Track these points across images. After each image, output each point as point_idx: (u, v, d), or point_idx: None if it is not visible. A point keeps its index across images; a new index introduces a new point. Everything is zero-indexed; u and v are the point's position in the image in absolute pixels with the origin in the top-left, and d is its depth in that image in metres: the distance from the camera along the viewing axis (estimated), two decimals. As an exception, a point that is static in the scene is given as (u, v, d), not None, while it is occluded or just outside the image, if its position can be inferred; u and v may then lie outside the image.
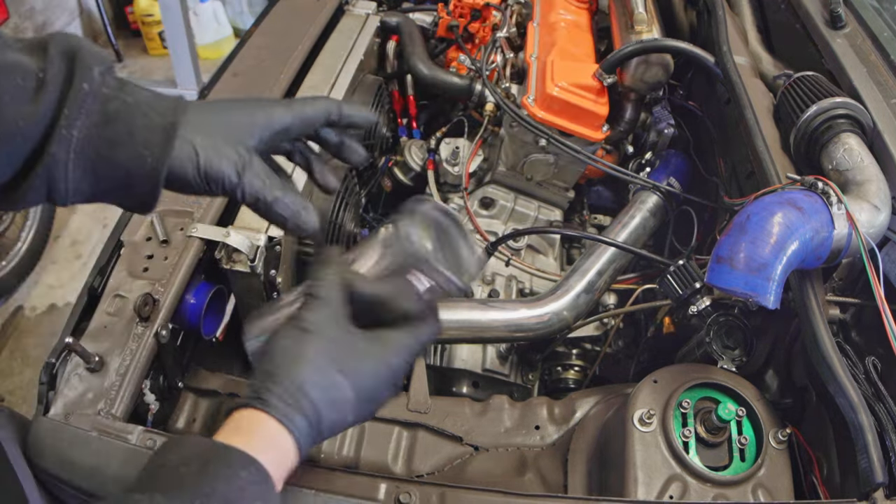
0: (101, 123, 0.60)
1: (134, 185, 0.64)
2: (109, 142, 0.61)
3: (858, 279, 1.09)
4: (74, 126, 0.59)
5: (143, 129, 0.62)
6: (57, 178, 0.60)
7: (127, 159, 0.62)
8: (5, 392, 2.70)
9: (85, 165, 0.60)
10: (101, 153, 0.61)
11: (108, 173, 0.62)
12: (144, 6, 4.47)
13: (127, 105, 0.62)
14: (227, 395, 1.21)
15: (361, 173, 1.81)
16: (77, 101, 0.59)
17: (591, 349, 1.57)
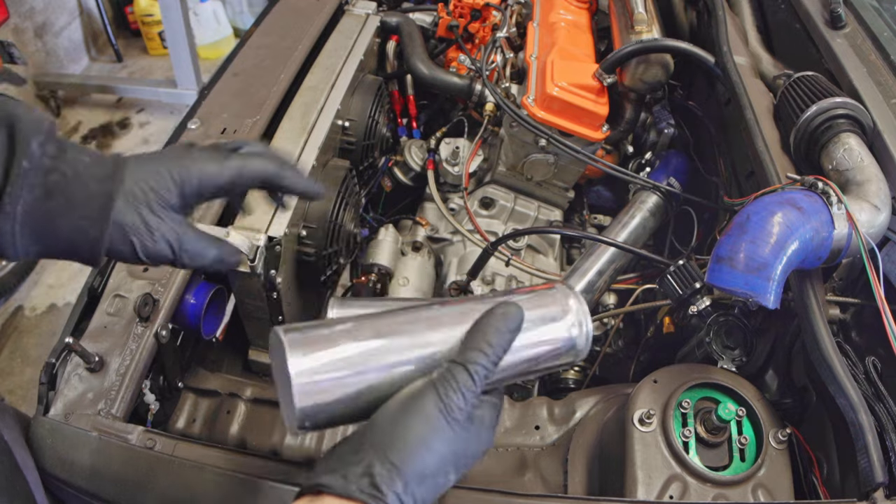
0: (43, 197, 0.62)
1: (78, 251, 0.66)
2: (51, 213, 0.63)
3: (858, 279, 1.09)
4: (18, 203, 0.61)
5: (83, 202, 0.64)
6: (5, 245, 0.62)
7: (69, 230, 0.64)
8: (5, 392, 2.70)
9: (30, 235, 0.63)
10: (44, 225, 0.63)
11: (52, 242, 0.64)
12: (144, 6, 4.47)
13: (66, 178, 0.64)
14: (228, 395, 1.21)
15: (361, 173, 1.81)
16: (19, 179, 0.61)
17: (591, 349, 1.56)
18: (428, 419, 0.62)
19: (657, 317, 1.42)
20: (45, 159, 0.63)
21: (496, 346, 0.66)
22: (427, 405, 0.62)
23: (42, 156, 0.62)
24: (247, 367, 1.43)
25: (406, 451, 0.60)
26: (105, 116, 4.18)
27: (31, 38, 3.98)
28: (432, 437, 0.61)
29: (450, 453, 0.63)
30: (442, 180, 1.82)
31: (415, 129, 2.04)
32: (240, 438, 1.18)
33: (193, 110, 1.48)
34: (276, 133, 1.46)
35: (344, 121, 1.65)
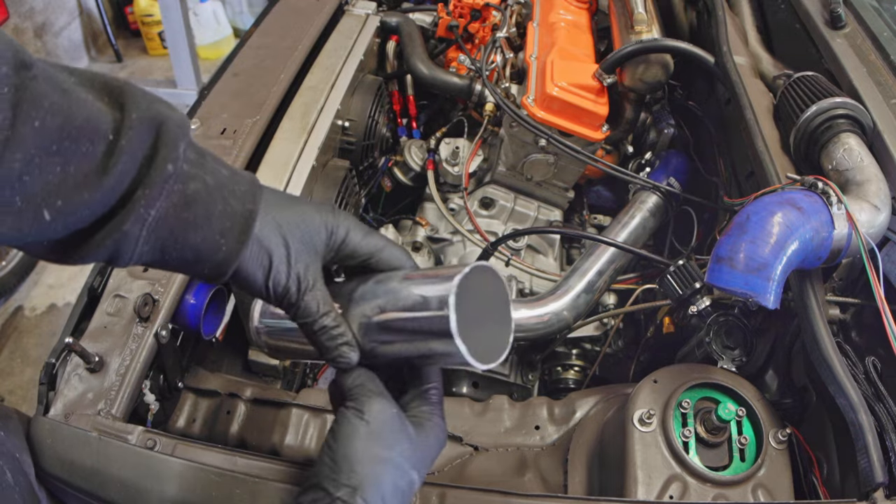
0: (181, 205, 0.57)
1: (201, 267, 0.62)
2: (186, 224, 0.58)
3: (858, 279, 1.09)
4: (153, 206, 0.55)
5: (222, 216, 0.60)
6: (124, 251, 0.56)
7: (201, 243, 0.60)
8: (5, 392, 2.70)
9: (155, 243, 0.58)
10: (175, 234, 0.58)
11: (177, 252, 0.59)
12: (144, 6, 4.47)
13: (207, 187, 0.59)
14: (228, 395, 1.21)
15: (361, 173, 1.81)
16: (160, 182, 0.55)
17: (591, 349, 1.57)
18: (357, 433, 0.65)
19: (657, 317, 1.42)
20: (187, 165, 0.58)
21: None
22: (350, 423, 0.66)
23: (184, 161, 0.57)
24: (247, 367, 1.43)
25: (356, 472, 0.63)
26: (105, 116, 4.18)
27: (31, 38, 3.98)
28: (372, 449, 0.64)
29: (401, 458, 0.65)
30: (442, 180, 1.82)
31: (415, 129, 2.04)
32: (240, 438, 1.18)
33: (193, 110, 1.48)
34: (276, 133, 1.46)
35: (344, 121, 1.65)
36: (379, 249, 0.72)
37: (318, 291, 0.67)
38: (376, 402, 0.67)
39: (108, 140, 0.53)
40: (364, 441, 0.64)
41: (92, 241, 0.55)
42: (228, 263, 0.61)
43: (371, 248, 0.71)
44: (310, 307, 0.67)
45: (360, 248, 0.71)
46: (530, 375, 1.55)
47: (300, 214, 0.67)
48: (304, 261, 0.66)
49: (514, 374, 1.51)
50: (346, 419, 0.66)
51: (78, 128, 0.51)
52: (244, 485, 0.89)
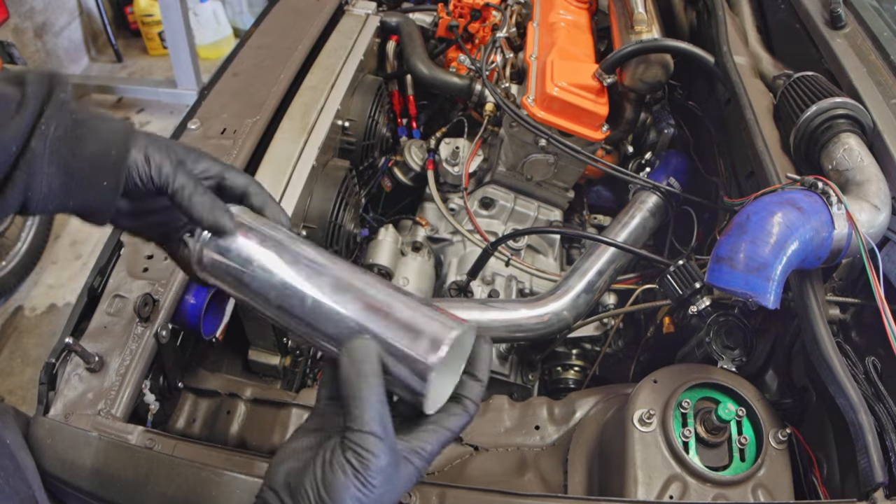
0: (72, 126, 0.70)
1: (101, 178, 0.71)
2: (78, 139, 0.70)
3: (858, 279, 1.09)
4: (50, 124, 0.68)
5: (107, 130, 0.72)
6: (35, 171, 0.67)
7: (94, 153, 0.70)
8: (5, 392, 2.70)
9: (58, 161, 0.68)
10: (72, 149, 0.69)
11: (77, 168, 0.69)
12: (144, 6, 4.47)
13: (91, 114, 0.73)
14: (228, 395, 1.21)
15: (361, 173, 1.81)
16: (55, 106, 0.69)
17: (591, 349, 1.57)
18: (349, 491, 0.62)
19: (657, 317, 1.42)
20: (72, 103, 0.71)
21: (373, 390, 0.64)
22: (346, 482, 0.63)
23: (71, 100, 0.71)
24: (247, 367, 1.43)
25: None
26: (105, 116, 4.18)
27: (31, 38, 3.98)
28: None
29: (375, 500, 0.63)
30: (442, 180, 1.82)
31: (415, 129, 2.04)
32: (240, 438, 1.18)
33: (193, 110, 1.48)
34: (276, 133, 1.46)
35: (344, 121, 1.65)
36: (225, 174, 0.79)
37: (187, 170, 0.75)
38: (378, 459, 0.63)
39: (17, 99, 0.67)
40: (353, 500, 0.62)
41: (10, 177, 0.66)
42: (120, 165, 0.71)
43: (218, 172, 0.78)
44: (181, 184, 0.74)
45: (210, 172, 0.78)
46: (530, 375, 1.55)
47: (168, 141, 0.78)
48: (176, 151, 0.76)
49: (514, 374, 1.51)
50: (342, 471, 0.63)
51: None
52: (244, 485, 0.89)
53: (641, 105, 1.69)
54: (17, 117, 0.66)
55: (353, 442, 0.63)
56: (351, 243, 1.60)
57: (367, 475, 0.62)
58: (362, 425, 0.63)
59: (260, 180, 1.34)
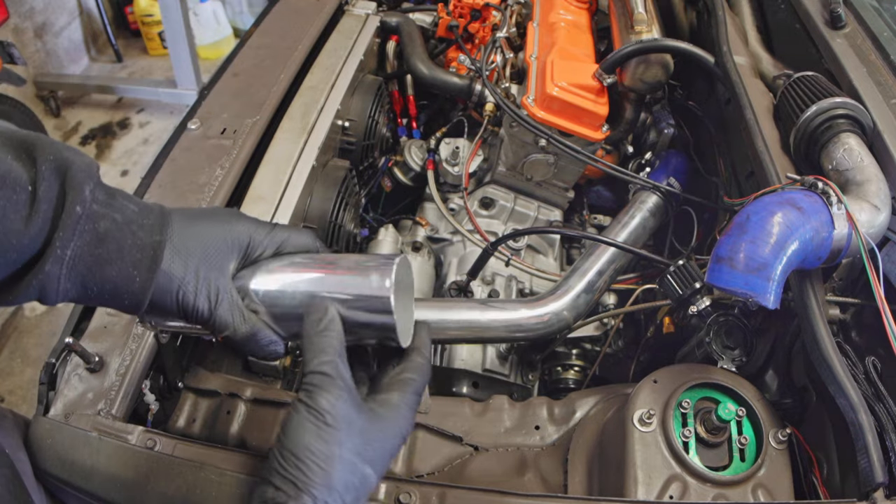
0: (93, 243, 0.63)
1: (121, 298, 0.67)
2: (100, 259, 0.64)
3: (858, 279, 1.09)
4: (68, 247, 0.61)
5: (132, 249, 0.65)
6: (48, 289, 0.62)
7: (116, 276, 0.65)
8: (5, 392, 2.70)
9: (76, 279, 0.64)
10: (92, 269, 0.64)
11: (97, 287, 0.65)
12: (144, 6, 4.47)
13: (117, 224, 0.65)
14: (228, 395, 1.21)
15: (361, 173, 1.81)
16: (71, 224, 0.61)
17: (591, 349, 1.57)
18: (304, 427, 0.64)
19: (657, 317, 1.42)
20: (96, 205, 0.64)
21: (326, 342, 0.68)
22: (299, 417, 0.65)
23: (93, 202, 0.63)
24: (247, 367, 1.43)
25: (302, 468, 0.63)
26: (105, 117, 4.18)
27: (31, 39, 3.98)
28: (319, 442, 0.64)
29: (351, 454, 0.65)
30: (442, 180, 1.82)
31: (415, 129, 2.04)
32: (240, 438, 1.18)
33: (193, 110, 1.48)
34: (276, 133, 1.46)
35: (344, 121, 1.65)
36: (284, 240, 0.77)
37: (225, 304, 0.71)
38: (328, 394, 0.66)
39: (28, 190, 0.60)
40: (311, 436, 0.64)
41: (21, 283, 0.61)
42: (144, 293, 0.67)
43: (278, 241, 0.76)
44: (224, 320, 0.71)
45: (267, 244, 0.76)
46: (530, 375, 1.55)
47: (203, 235, 0.71)
48: (208, 279, 0.70)
49: (514, 374, 1.51)
50: (295, 411, 0.66)
51: (2, 176, 0.58)
52: (244, 485, 0.89)
53: (641, 105, 1.69)
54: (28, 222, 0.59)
55: (306, 383, 0.66)
56: (351, 243, 1.60)
57: (319, 409, 0.64)
58: (313, 367, 0.67)
59: (260, 180, 1.36)
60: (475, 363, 1.47)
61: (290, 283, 0.74)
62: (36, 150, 0.62)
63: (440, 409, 1.18)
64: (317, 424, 0.64)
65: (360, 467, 0.65)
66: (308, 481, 0.62)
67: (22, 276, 0.61)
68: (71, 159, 0.63)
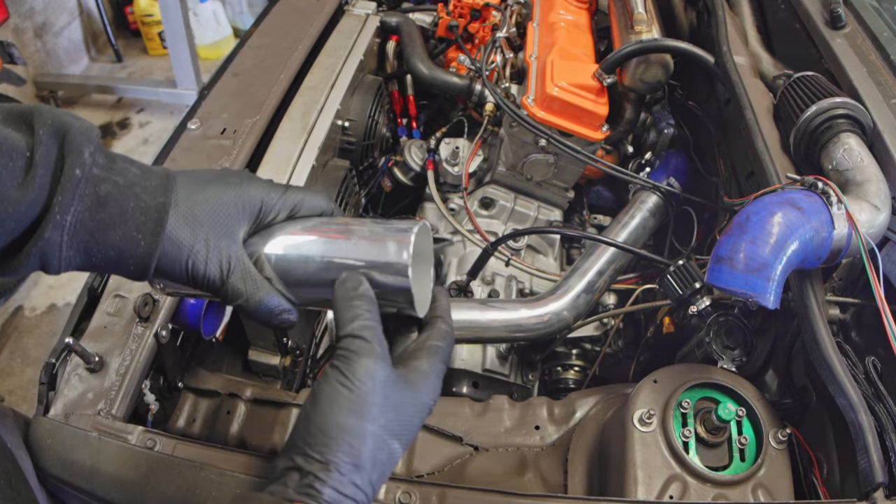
0: (94, 207, 0.60)
1: (125, 264, 0.64)
2: (102, 224, 0.61)
3: (858, 279, 1.09)
4: (68, 212, 0.59)
5: (136, 212, 0.62)
6: (50, 257, 0.60)
7: (119, 241, 0.62)
8: (5, 392, 2.70)
9: (78, 246, 0.61)
10: (94, 235, 0.61)
11: (100, 253, 0.62)
12: (144, 6, 4.47)
13: (118, 187, 0.62)
14: (228, 395, 1.21)
15: (361, 173, 1.81)
16: (70, 188, 0.58)
17: (591, 349, 1.57)
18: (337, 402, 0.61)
19: (657, 317, 1.42)
20: (96, 169, 0.61)
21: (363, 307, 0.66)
22: (332, 389, 0.61)
23: (93, 165, 0.60)
24: (247, 367, 1.43)
25: (332, 446, 0.59)
26: (105, 116, 4.18)
27: (31, 39, 3.98)
28: (351, 418, 0.60)
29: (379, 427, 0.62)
30: (442, 180, 1.82)
31: (415, 129, 2.04)
32: (240, 438, 1.18)
33: (193, 110, 1.48)
34: (276, 133, 1.46)
35: (344, 121, 1.65)
36: (298, 202, 0.73)
37: (237, 272, 0.68)
38: (365, 363, 0.62)
39: (25, 156, 0.57)
40: (345, 412, 0.60)
41: (21, 253, 0.58)
42: (149, 257, 0.63)
43: (291, 204, 0.73)
44: (236, 289, 0.68)
45: (280, 208, 0.72)
46: (530, 375, 1.55)
47: (212, 201, 0.68)
48: (219, 246, 0.67)
49: (514, 374, 1.51)
50: (328, 382, 0.62)
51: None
52: (244, 485, 0.89)
53: (641, 105, 1.69)
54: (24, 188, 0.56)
55: (342, 348, 0.63)
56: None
57: (355, 377, 0.61)
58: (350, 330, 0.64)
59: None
60: (475, 363, 1.47)
61: (306, 249, 0.72)
62: (34, 117, 0.59)
63: (440, 409, 1.18)
64: (351, 399, 0.60)
65: (389, 442, 0.62)
66: (337, 461, 0.59)
67: (22, 245, 0.58)
68: (69, 122, 0.60)
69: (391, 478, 0.91)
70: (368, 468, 0.60)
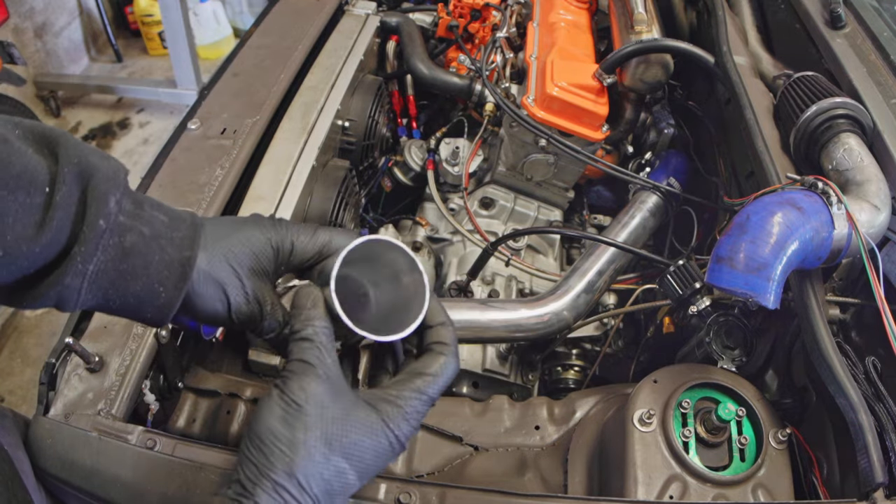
0: (118, 258, 0.60)
1: (144, 312, 0.64)
2: (124, 274, 0.60)
3: (858, 279, 1.09)
4: (90, 262, 0.58)
5: (160, 265, 0.62)
6: (68, 300, 0.59)
7: (140, 291, 0.62)
8: (5, 392, 2.70)
9: (97, 292, 0.60)
10: (115, 283, 0.61)
11: (120, 300, 0.62)
12: (144, 6, 4.47)
13: (144, 238, 0.61)
14: (228, 395, 1.21)
15: (361, 173, 1.81)
16: (94, 238, 0.57)
17: (591, 349, 1.57)
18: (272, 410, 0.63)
19: (657, 317, 1.42)
20: (122, 217, 0.60)
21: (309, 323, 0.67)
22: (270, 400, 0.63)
23: (119, 213, 0.59)
24: (247, 367, 1.43)
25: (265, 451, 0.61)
26: (105, 116, 4.18)
27: (31, 38, 3.98)
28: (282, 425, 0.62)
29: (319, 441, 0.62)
30: (442, 180, 1.82)
31: (415, 129, 2.04)
32: (240, 438, 1.17)
33: (193, 110, 1.48)
34: (276, 133, 1.46)
35: (344, 121, 1.65)
36: (327, 242, 0.73)
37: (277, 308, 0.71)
38: (302, 379, 0.63)
39: (44, 193, 0.55)
40: (276, 419, 0.61)
41: (36, 291, 0.58)
42: (169, 308, 0.64)
43: (320, 245, 0.73)
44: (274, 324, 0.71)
45: (309, 250, 0.72)
46: (530, 375, 1.55)
47: (245, 241, 0.68)
48: (257, 285, 0.69)
49: (514, 374, 1.51)
50: (268, 396, 0.64)
51: (15, 177, 0.54)
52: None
53: (641, 105, 1.69)
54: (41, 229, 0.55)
55: (286, 369, 0.65)
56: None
57: (289, 392, 0.62)
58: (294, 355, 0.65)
59: (260, 180, 1.36)
60: (475, 363, 1.47)
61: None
62: (59, 147, 0.58)
63: (440, 409, 1.18)
64: (284, 409, 0.62)
65: (333, 459, 0.62)
66: (269, 465, 0.60)
67: (35, 282, 0.58)
68: (96, 165, 0.59)
69: (391, 478, 0.91)
70: (304, 479, 0.60)
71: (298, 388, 0.62)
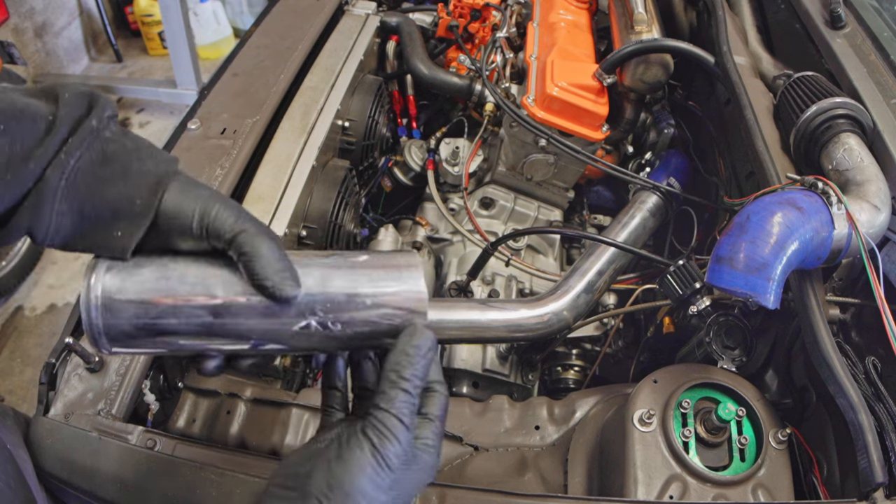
0: (98, 161, 0.61)
1: (117, 227, 0.62)
2: (102, 179, 0.61)
3: (858, 279, 1.09)
4: (73, 155, 0.59)
5: (137, 174, 0.62)
6: (44, 206, 0.58)
7: (116, 198, 0.61)
8: (5, 392, 2.70)
9: (73, 200, 0.59)
10: (91, 189, 0.60)
11: (94, 212, 0.61)
12: (144, 6, 4.47)
13: (125, 149, 0.63)
14: (228, 395, 1.21)
15: (361, 173, 1.81)
16: (82, 134, 0.60)
17: (591, 349, 1.56)
18: (364, 471, 0.61)
19: (657, 317, 1.42)
20: (108, 132, 0.62)
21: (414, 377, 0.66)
22: (363, 458, 0.62)
23: (108, 128, 0.62)
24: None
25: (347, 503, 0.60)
26: (105, 116, 4.18)
27: (31, 38, 3.98)
28: (372, 487, 0.61)
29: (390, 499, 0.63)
30: (442, 180, 1.82)
31: (415, 129, 2.04)
32: (240, 438, 1.18)
33: (193, 110, 1.48)
34: (276, 133, 1.46)
35: (344, 121, 1.65)
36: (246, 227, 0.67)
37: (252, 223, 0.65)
38: (398, 443, 0.63)
39: (48, 119, 0.59)
40: (367, 481, 0.61)
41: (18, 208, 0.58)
42: (145, 215, 0.61)
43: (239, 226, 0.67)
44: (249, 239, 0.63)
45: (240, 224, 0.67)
46: (530, 375, 1.55)
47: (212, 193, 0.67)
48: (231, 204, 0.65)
49: (514, 374, 1.51)
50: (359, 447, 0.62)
51: (20, 110, 0.58)
52: (244, 485, 0.89)
53: (641, 105, 1.69)
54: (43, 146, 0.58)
55: (378, 420, 0.63)
56: (351, 243, 1.60)
57: (385, 453, 0.62)
58: (391, 406, 0.64)
59: (260, 180, 1.36)
60: (475, 363, 1.47)
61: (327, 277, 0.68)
62: (57, 89, 0.62)
63: (440, 409, 1.18)
64: (375, 469, 0.62)
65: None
66: None
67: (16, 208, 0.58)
68: (97, 93, 0.64)
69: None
70: None
71: (394, 454, 0.62)
